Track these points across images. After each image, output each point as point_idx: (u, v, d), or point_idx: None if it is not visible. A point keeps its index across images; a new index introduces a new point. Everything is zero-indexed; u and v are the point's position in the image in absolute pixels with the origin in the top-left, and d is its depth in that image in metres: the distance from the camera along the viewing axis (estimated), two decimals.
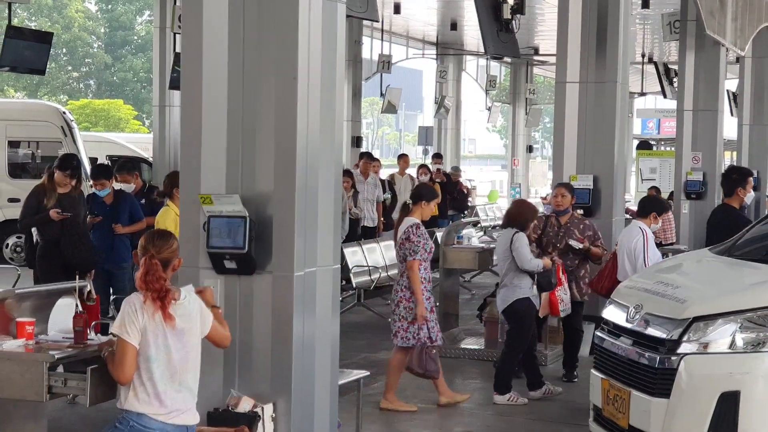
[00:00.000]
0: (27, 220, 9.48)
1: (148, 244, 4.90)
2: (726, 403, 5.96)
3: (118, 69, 58.10)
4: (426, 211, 8.33)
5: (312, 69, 5.38)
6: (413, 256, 8.03)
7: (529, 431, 7.90)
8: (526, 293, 8.56)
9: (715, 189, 16.38)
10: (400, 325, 8.11)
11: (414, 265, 8.01)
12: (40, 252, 9.44)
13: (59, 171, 9.53)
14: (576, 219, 9.56)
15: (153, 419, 4.76)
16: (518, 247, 8.51)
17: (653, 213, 9.20)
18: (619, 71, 11.07)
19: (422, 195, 8.36)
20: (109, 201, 10.06)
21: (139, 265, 4.87)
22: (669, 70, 21.08)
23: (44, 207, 9.35)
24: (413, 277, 8.01)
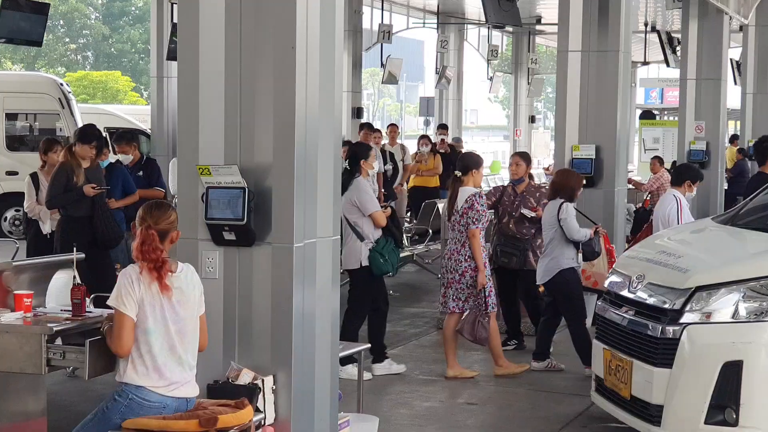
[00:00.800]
0: (58, 198, 8.95)
1: (145, 214, 4.86)
2: (729, 372, 5.94)
3: (116, 40, 57.89)
4: (477, 179, 8.54)
5: (310, 38, 5.30)
6: (476, 225, 8.25)
7: (531, 402, 7.88)
8: (571, 264, 8.57)
9: (719, 158, 16.34)
10: (470, 292, 8.32)
11: (477, 233, 8.24)
12: (65, 228, 8.91)
13: (82, 144, 9.08)
14: (532, 187, 9.56)
15: (152, 392, 4.74)
16: (566, 218, 8.53)
17: (687, 181, 9.22)
18: (622, 40, 10.99)
19: (469, 165, 8.50)
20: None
21: (136, 235, 4.83)
22: (672, 39, 20.94)
23: (74, 184, 8.90)
24: (476, 245, 8.24)
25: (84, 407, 7.19)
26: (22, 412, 5.60)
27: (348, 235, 8.38)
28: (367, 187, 8.46)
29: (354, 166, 8.45)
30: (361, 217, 8.32)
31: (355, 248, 8.35)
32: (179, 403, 4.79)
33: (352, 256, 8.37)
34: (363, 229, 8.32)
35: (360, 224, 8.32)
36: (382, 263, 8.28)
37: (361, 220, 8.32)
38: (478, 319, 8.30)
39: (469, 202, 8.28)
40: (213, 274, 5.34)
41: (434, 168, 16.73)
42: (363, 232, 8.32)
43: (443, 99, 29.05)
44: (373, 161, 8.68)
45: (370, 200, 8.36)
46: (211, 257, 5.34)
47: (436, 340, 10.05)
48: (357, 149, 8.72)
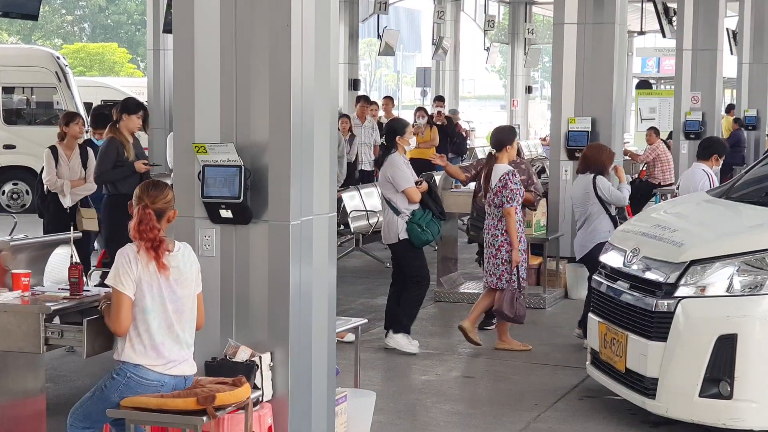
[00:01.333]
0: (108, 174, 8.67)
1: (142, 193, 4.88)
2: (723, 346, 5.99)
3: (112, 12, 57.62)
4: (512, 153, 8.62)
5: (305, 15, 5.30)
6: (510, 203, 8.32)
7: (527, 374, 7.93)
8: (607, 236, 8.59)
9: (714, 128, 16.34)
10: (505, 269, 8.41)
11: (512, 212, 8.33)
12: (115, 204, 8.57)
13: (129, 114, 8.76)
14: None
15: (150, 370, 4.77)
16: (607, 188, 8.63)
17: (714, 155, 9.23)
18: (618, 12, 10.97)
19: (503, 140, 8.56)
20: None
21: (133, 214, 4.86)
22: (668, 9, 20.88)
23: (124, 159, 8.69)
24: (511, 223, 8.34)
25: (83, 382, 7.27)
26: (21, 390, 5.63)
27: (385, 210, 8.47)
28: (401, 163, 8.45)
29: (390, 141, 8.49)
30: (395, 193, 8.38)
31: (392, 222, 8.40)
32: (177, 381, 4.83)
33: (390, 230, 8.43)
34: (398, 204, 8.37)
35: (395, 200, 8.38)
36: (420, 233, 8.31)
37: (396, 196, 8.38)
38: (515, 296, 8.38)
39: (503, 181, 8.35)
40: (210, 251, 5.36)
41: (431, 140, 16.71)
42: (398, 206, 8.37)
43: (440, 70, 28.97)
44: (409, 137, 8.69)
45: (403, 177, 8.37)
46: (208, 235, 5.35)
47: (432, 313, 10.11)
48: (394, 125, 8.74)
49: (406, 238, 8.34)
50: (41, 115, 18.22)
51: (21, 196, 17.83)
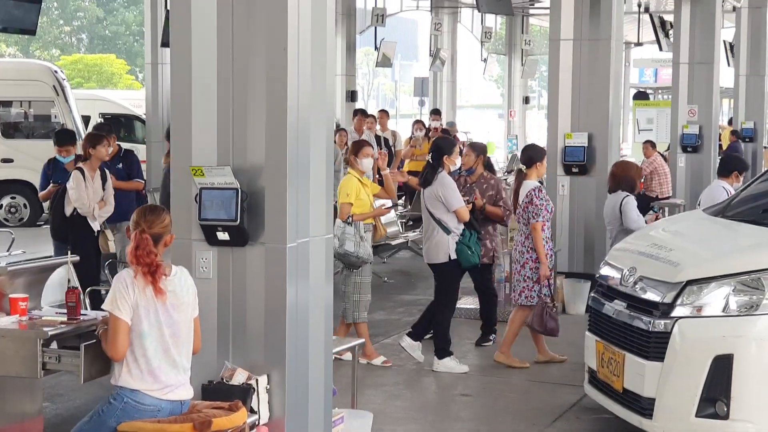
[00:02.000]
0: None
1: (139, 218, 4.89)
2: (719, 366, 5.99)
3: (110, 23, 57.70)
4: (541, 170, 8.80)
5: (302, 39, 5.32)
6: (536, 218, 8.41)
7: (525, 393, 7.93)
8: None
9: (711, 141, 16.37)
10: (526, 285, 8.48)
11: (537, 227, 8.40)
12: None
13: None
14: (483, 179, 9.39)
15: (147, 395, 4.78)
16: (628, 210, 8.80)
17: (735, 172, 9.28)
18: (614, 28, 11.00)
19: (533, 157, 8.69)
20: (70, 168, 9.55)
21: (130, 239, 4.87)
22: (665, 23, 20.92)
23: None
24: (537, 238, 8.41)
25: (80, 402, 7.27)
26: (19, 413, 5.64)
27: (433, 229, 8.51)
28: (452, 183, 8.56)
29: (437, 160, 8.56)
30: (445, 213, 8.45)
31: (442, 242, 8.45)
32: (174, 405, 4.84)
33: (439, 249, 8.46)
34: (448, 223, 8.45)
35: (445, 219, 8.45)
36: (470, 255, 8.45)
37: (446, 216, 8.45)
38: (546, 310, 8.42)
39: (529, 197, 8.46)
40: (207, 274, 5.38)
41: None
42: (448, 226, 8.44)
43: (437, 80, 29.00)
44: (456, 157, 8.78)
45: (456, 197, 8.48)
46: (205, 257, 5.38)
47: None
48: (442, 144, 8.82)
49: (455, 258, 8.43)
50: (39, 128, 18.23)
51: (19, 209, 17.84)
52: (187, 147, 5.41)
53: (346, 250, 8.27)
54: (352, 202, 8.46)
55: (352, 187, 8.51)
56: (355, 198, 8.48)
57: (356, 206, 8.48)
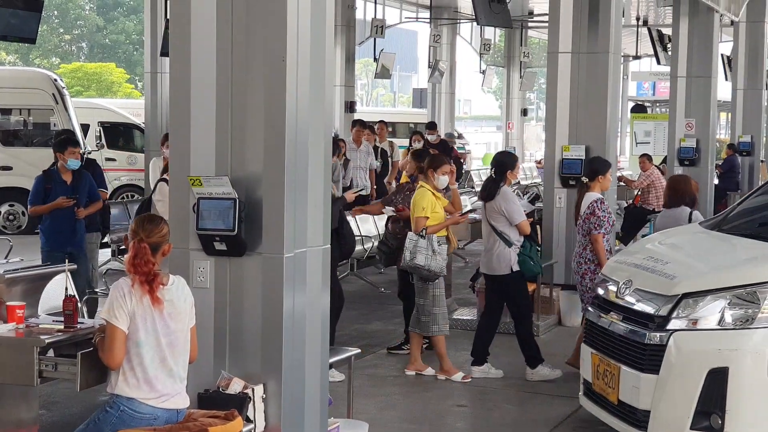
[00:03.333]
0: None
1: (138, 228, 4.91)
2: (714, 379, 6.00)
3: (110, 31, 57.79)
4: (605, 183, 8.80)
5: (301, 49, 5.35)
6: (598, 230, 8.48)
7: (520, 404, 7.95)
8: None
9: (708, 155, 16.40)
10: (589, 296, 8.42)
11: (599, 238, 8.47)
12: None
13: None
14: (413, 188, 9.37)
15: (143, 404, 4.79)
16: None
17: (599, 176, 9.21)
18: (612, 41, 11.04)
19: (597, 170, 8.75)
20: (68, 179, 9.37)
21: (128, 248, 4.89)
22: (663, 36, 21.00)
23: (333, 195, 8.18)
24: (599, 250, 8.46)
25: (76, 409, 7.28)
26: (15, 420, 5.64)
27: (495, 242, 8.59)
28: (514, 197, 8.69)
29: (500, 175, 8.65)
30: (507, 226, 8.54)
31: (504, 254, 8.53)
32: (170, 414, 4.85)
33: (501, 261, 8.53)
34: (510, 236, 8.54)
35: (507, 232, 8.55)
36: (532, 265, 8.57)
37: (508, 229, 8.54)
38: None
39: (591, 209, 8.52)
40: (204, 283, 5.39)
41: None
42: (510, 238, 8.53)
43: (436, 91, 29.07)
44: (518, 171, 8.84)
45: (518, 210, 8.60)
46: (202, 267, 5.39)
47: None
48: (505, 159, 8.90)
49: (519, 270, 8.51)
50: (38, 136, 18.26)
51: (17, 217, 17.85)
52: (185, 156, 5.43)
53: (417, 263, 8.33)
54: (428, 215, 8.49)
55: (428, 201, 8.53)
56: (430, 212, 8.51)
57: (431, 220, 8.51)
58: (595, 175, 8.72)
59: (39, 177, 9.52)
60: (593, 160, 9.20)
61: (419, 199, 8.58)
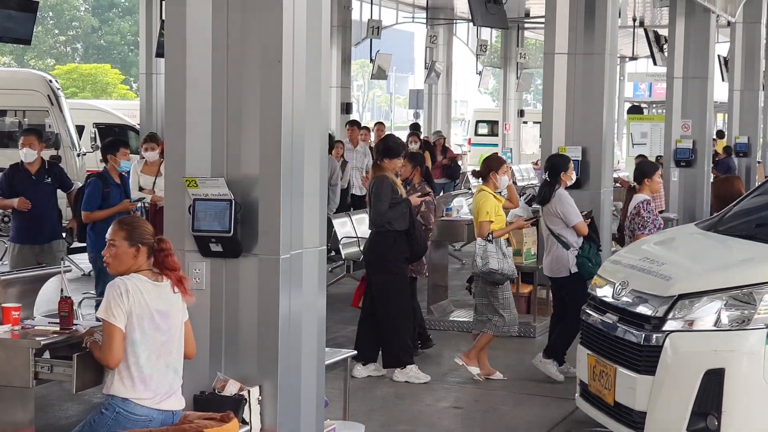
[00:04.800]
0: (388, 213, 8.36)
1: (147, 231, 4.95)
2: (711, 380, 5.99)
3: (105, 32, 57.75)
4: (653, 186, 8.79)
5: (297, 50, 5.35)
6: (642, 230, 8.50)
7: (517, 405, 7.94)
8: None
9: (705, 156, 16.41)
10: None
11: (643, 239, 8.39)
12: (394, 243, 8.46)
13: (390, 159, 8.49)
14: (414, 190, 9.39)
15: (138, 404, 4.78)
16: None
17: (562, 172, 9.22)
18: (608, 42, 11.04)
19: (645, 172, 8.77)
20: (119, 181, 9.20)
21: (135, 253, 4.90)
22: (659, 37, 21.01)
23: (399, 196, 8.46)
24: None
25: (72, 411, 7.27)
26: (10, 422, 5.63)
27: (552, 244, 8.65)
28: (569, 199, 8.72)
29: (554, 177, 8.70)
30: (564, 228, 8.59)
31: (562, 257, 8.56)
32: (165, 416, 4.84)
33: (560, 264, 8.57)
34: (567, 238, 8.58)
35: (565, 234, 8.59)
36: (591, 267, 8.50)
37: (566, 231, 8.59)
38: None
39: (636, 209, 8.56)
40: (200, 285, 5.37)
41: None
42: (568, 241, 8.56)
43: (432, 92, 29.08)
44: (572, 173, 8.91)
45: (574, 212, 8.63)
46: (198, 268, 5.38)
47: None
48: (558, 161, 8.93)
49: (576, 271, 8.53)
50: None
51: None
52: (180, 158, 5.42)
53: (491, 268, 8.35)
54: (492, 219, 8.49)
55: (491, 205, 8.54)
56: (494, 215, 8.51)
57: (495, 223, 8.52)
58: (642, 178, 8.75)
59: (95, 181, 9.14)
60: (641, 164, 9.27)
61: (482, 203, 8.54)
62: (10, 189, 9.36)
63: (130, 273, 4.87)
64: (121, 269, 4.90)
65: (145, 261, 4.93)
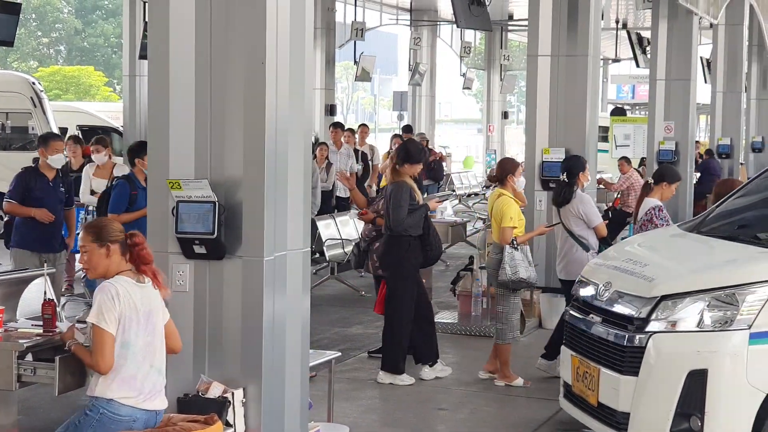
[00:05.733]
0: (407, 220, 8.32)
1: (114, 230, 4.93)
2: (694, 381, 6.01)
3: (89, 34, 57.56)
4: (667, 192, 8.65)
5: (281, 52, 5.35)
6: None
7: (501, 406, 7.95)
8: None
9: (687, 158, 16.47)
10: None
11: None
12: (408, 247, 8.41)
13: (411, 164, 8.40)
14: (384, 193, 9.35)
15: (123, 405, 4.78)
16: None
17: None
18: (591, 44, 11.08)
19: (664, 176, 8.66)
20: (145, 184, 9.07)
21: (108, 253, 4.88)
22: (642, 39, 21.09)
23: (417, 202, 8.40)
24: None
25: (55, 415, 7.23)
26: None
27: (571, 246, 8.64)
28: (590, 200, 8.72)
29: (572, 178, 8.69)
30: (585, 229, 8.60)
31: (581, 259, 8.51)
32: (149, 416, 4.84)
33: (578, 266, 8.39)
34: (588, 240, 8.58)
35: (585, 236, 8.61)
36: None
37: (586, 232, 8.60)
38: None
39: (648, 216, 8.43)
40: (183, 287, 5.37)
41: None
42: (588, 243, 8.56)
43: (417, 94, 29.12)
44: (588, 174, 8.89)
45: (595, 213, 8.67)
46: (182, 271, 5.37)
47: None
48: (576, 163, 8.92)
49: None
50: (16, 140, 18.15)
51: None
52: (164, 160, 5.41)
53: (521, 277, 8.21)
54: (516, 225, 8.38)
55: (515, 210, 8.40)
56: (517, 220, 8.41)
57: (518, 228, 8.40)
58: (660, 181, 8.64)
59: (122, 184, 8.94)
60: (666, 167, 9.18)
61: (506, 209, 8.37)
62: (27, 194, 8.90)
63: (111, 275, 4.86)
64: (99, 272, 4.90)
65: (120, 260, 4.93)
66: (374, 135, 44.53)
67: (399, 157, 8.53)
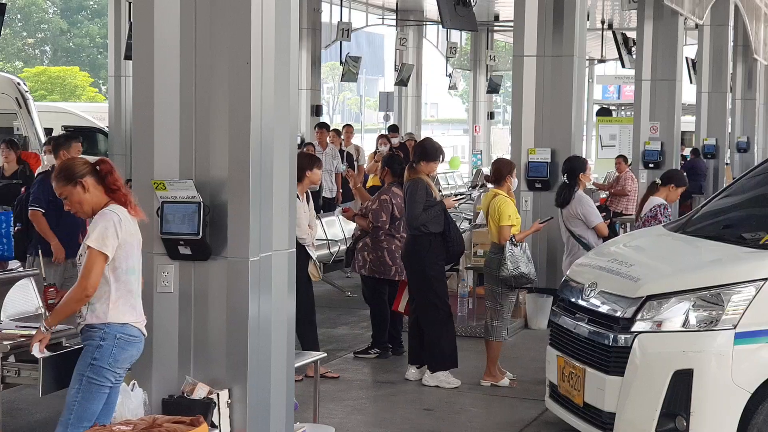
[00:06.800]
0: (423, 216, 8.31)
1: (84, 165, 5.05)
2: (679, 381, 6.02)
3: (74, 35, 57.39)
4: (672, 195, 8.79)
5: (266, 52, 5.34)
6: None
7: (487, 406, 7.96)
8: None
9: (673, 158, 16.52)
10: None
11: None
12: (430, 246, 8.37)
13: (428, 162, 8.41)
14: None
15: (134, 326, 4.99)
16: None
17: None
18: (576, 45, 11.10)
19: (672, 179, 8.82)
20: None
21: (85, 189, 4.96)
22: (627, 40, 21.14)
23: (433, 199, 8.36)
24: None
25: (40, 416, 7.20)
26: None
27: (573, 246, 8.71)
28: (589, 200, 8.79)
29: (572, 179, 8.74)
30: (585, 230, 8.67)
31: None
32: (144, 339, 5.09)
33: None
34: (589, 240, 8.63)
35: (586, 236, 8.66)
36: None
37: (586, 232, 8.66)
38: None
39: (653, 212, 8.55)
40: (168, 288, 5.37)
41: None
42: (588, 242, 8.61)
43: (403, 94, 29.11)
44: (589, 174, 8.90)
45: (595, 213, 8.72)
46: (167, 271, 5.37)
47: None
48: (576, 164, 8.98)
49: None
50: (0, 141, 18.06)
51: None
52: (149, 160, 5.40)
53: (522, 272, 8.22)
54: (515, 223, 8.39)
55: (513, 209, 8.43)
56: (514, 218, 8.43)
57: (515, 227, 8.42)
58: (668, 183, 8.73)
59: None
60: (676, 171, 9.35)
61: (503, 207, 8.36)
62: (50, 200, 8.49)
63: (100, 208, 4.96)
64: (86, 209, 5.01)
65: (101, 192, 5.01)
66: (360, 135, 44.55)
67: (416, 154, 8.57)
